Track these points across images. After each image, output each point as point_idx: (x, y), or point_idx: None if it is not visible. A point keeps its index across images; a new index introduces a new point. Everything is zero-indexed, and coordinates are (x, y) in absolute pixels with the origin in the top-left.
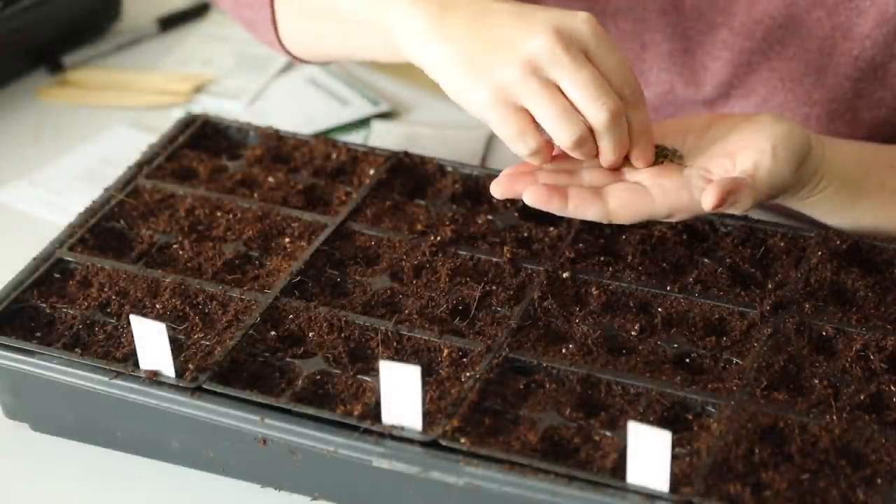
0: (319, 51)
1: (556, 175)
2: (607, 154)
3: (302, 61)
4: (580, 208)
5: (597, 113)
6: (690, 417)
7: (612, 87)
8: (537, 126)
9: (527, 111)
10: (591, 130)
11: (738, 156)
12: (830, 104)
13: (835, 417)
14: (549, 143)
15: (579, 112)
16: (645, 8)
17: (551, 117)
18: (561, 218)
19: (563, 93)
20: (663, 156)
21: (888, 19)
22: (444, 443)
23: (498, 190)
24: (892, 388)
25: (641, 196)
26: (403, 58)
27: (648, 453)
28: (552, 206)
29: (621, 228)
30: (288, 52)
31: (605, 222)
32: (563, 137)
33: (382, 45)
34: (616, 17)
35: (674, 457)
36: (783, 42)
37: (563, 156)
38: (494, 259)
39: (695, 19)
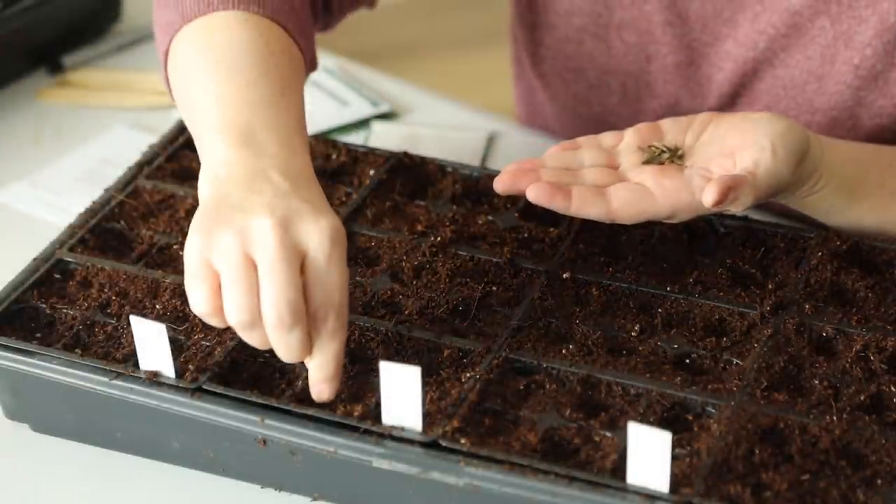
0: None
1: (559, 173)
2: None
3: None
4: (583, 207)
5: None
6: (690, 418)
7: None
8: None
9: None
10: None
11: (737, 154)
12: (831, 112)
13: (835, 418)
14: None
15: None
16: (650, 20)
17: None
18: (561, 218)
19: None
20: (664, 156)
21: (888, 28)
22: (444, 443)
23: (501, 185)
24: (892, 388)
25: (644, 196)
26: None
27: (648, 454)
28: (555, 204)
29: (622, 228)
30: None
31: (606, 222)
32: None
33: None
34: (621, 29)
35: (674, 457)
36: (787, 50)
37: (566, 153)
38: (494, 259)
39: (699, 31)
